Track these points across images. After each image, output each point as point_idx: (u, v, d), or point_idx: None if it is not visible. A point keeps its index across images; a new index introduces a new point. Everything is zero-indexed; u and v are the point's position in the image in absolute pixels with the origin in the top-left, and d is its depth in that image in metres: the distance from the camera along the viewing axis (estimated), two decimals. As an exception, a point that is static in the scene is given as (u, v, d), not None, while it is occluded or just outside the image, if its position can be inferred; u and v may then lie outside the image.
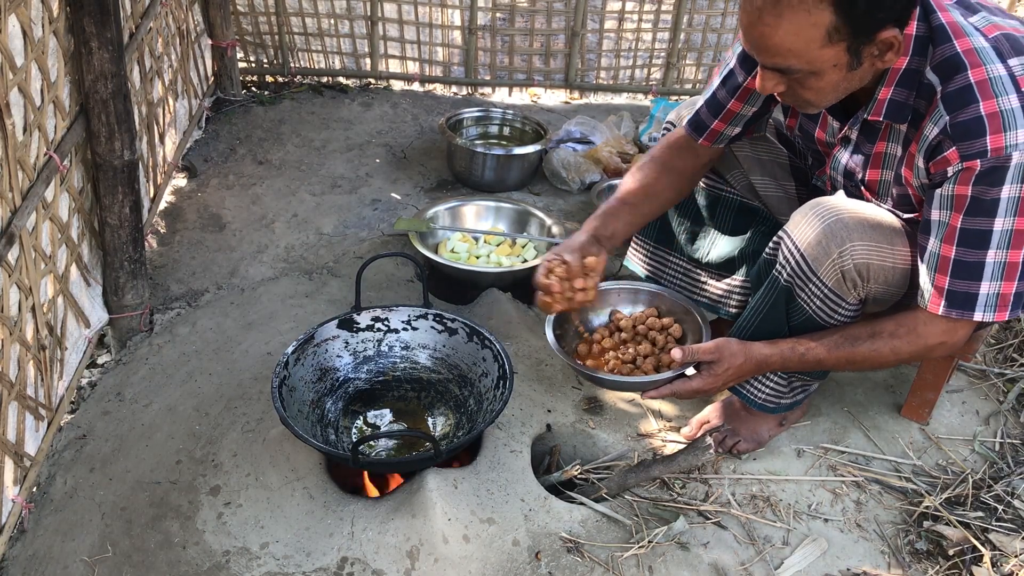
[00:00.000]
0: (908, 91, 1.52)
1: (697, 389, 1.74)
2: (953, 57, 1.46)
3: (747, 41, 1.47)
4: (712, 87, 1.84)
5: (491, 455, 1.88)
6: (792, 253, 1.69)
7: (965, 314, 1.54)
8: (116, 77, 2.06)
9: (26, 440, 1.83)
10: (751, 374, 1.77)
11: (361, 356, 2.05)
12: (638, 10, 3.95)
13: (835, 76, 1.47)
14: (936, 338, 1.61)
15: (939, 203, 1.52)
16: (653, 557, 1.75)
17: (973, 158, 1.43)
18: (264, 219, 2.96)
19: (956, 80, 1.45)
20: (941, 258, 1.53)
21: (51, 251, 1.95)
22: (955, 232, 1.50)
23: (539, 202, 3.11)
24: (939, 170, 1.50)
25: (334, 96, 3.84)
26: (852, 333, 1.67)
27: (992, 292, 1.52)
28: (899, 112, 1.55)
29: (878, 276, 1.64)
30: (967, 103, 1.43)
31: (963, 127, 1.44)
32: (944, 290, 1.54)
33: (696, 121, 1.88)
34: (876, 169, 1.67)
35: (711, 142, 1.88)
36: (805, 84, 1.49)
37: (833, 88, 1.50)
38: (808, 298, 1.69)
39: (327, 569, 1.67)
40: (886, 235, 1.64)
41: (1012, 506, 1.89)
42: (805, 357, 1.69)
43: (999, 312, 1.53)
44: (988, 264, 1.50)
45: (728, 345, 1.72)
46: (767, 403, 1.92)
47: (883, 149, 1.64)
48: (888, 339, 1.63)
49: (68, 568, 1.71)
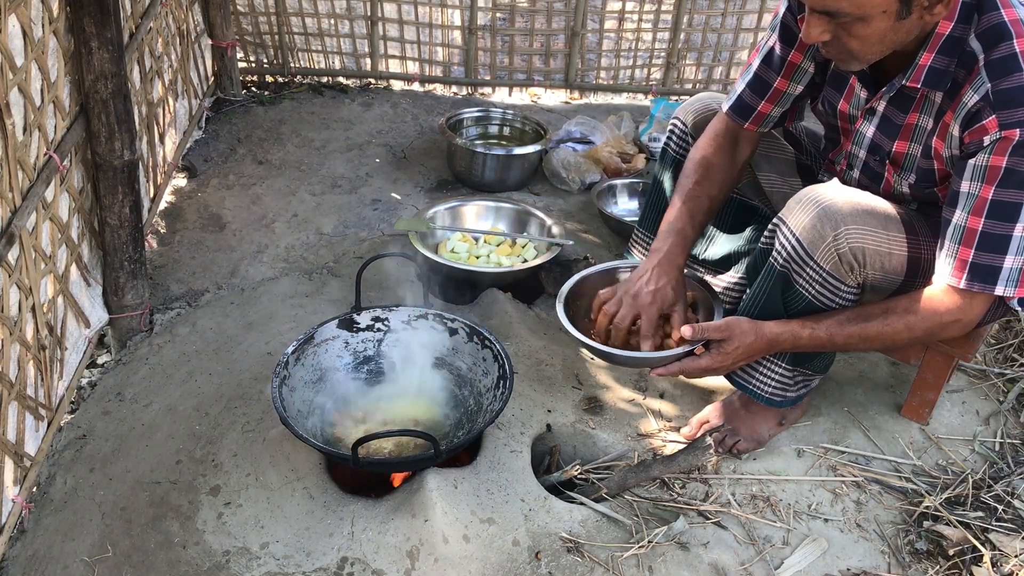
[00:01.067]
0: (949, 59, 1.51)
1: (706, 367, 1.72)
2: (999, 25, 1.45)
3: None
4: (751, 69, 1.82)
5: (491, 455, 1.88)
6: (788, 238, 1.68)
7: (987, 287, 1.53)
8: (116, 77, 2.06)
9: (26, 440, 1.83)
10: (761, 353, 1.75)
11: (361, 356, 2.05)
12: (638, 10, 3.95)
13: (883, 24, 1.45)
14: (952, 315, 1.59)
15: (971, 174, 1.50)
16: (653, 557, 1.75)
17: (1013, 127, 1.43)
18: (264, 219, 2.96)
19: (1001, 48, 1.44)
20: (967, 230, 1.51)
21: (51, 251, 1.95)
22: (985, 204, 1.48)
23: (539, 202, 3.11)
24: (974, 139, 1.49)
25: (334, 96, 3.84)
26: (865, 311, 1.66)
27: (1016, 267, 1.51)
28: (939, 80, 1.53)
29: (874, 261, 1.64)
30: (1011, 71, 1.43)
31: (1006, 95, 1.43)
32: (968, 263, 1.53)
33: (740, 105, 1.85)
34: (905, 141, 1.66)
35: (757, 126, 1.86)
36: (852, 31, 1.47)
37: (879, 38, 1.48)
38: (807, 283, 1.69)
39: (327, 569, 1.67)
40: (880, 221, 1.64)
41: (1012, 506, 1.89)
42: (816, 333, 1.68)
43: (1020, 287, 1.53)
44: (1016, 238, 1.49)
45: (739, 323, 1.70)
46: (774, 396, 1.90)
47: (915, 121, 1.63)
48: (903, 315, 1.62)
49: (68, 568, 1.71)
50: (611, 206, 3.05)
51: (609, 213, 2.92)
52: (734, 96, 1.87)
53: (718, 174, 1.89)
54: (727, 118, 1.89)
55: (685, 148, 2.03)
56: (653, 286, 1.77)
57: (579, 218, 3.02)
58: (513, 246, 2.73)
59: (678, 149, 2.07)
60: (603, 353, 1.80)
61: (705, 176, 1.88)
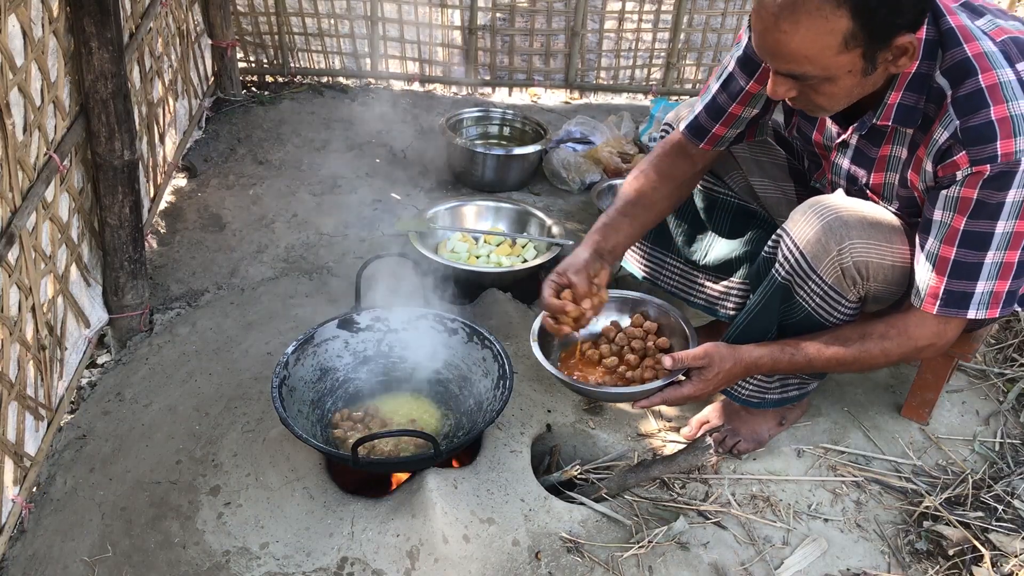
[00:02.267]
0: (918, 95, 1.52)
1: (688, 396, 1.73)
2: (963, 61, 1.45)
3: (761, 47, 1.46)
4: (710, 91, 1.83)
5: (491, 455, 1.88)
6: (791, 251, 1.69)
7: (959, 312, 1.55)
8: (116, 77, 2.06)
9: (26, 440, 1.83)
10: (741, 377, 1.76)
11: (361, 356, 2.05)
12: (638, 10, 3.94)
13: (849, 82, 1.46)
14: (926, 339, 1.61)
15: (943, 204, 1.51)
16: (653, 557, 1.75)
17: (983, 163, 1.43)
18: (264, 219, 2.96)
19: (967, 84, 1.45)
20: (940, 258, 1.53)
21: (51, 251, 1.95)
22: (957, 234, 1.50)
23: (539, 202, 3.11)
24: (947, 174, 1.50)
25: (334, 96, 3.84)
26: (842, 335, 1.67)
27: (986, 291, 1.53)
28: (908, 116, 1.54)
29: (877, 274, 1.64)
30: (978, 107, 1.43)
31: (974, 132, 1.43)
32: (940, 290, 1.54)
33: (695, 126, 1.86)
34: (881, 172, 1.67)
35: (712, 146, 1.87)
36: (819, 90, 1.48)
37: (846, 93, 1.49)
38: (808, 295, 1.69)
39: (327, 569, 1.67)
40: (885, 233, 1.64)
41: (1012, 506, 1.89)
42: (795, 358, 1.69)
43: (991, 309, 1.54)
44: (986, 265, 1.50)
45: (717, 350, 1.71)
46: (751, 399, 1.93)
47: (888, 152, 1.64)
48: (878, 340, 1.64)
49: (68, 568, 1.71)
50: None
51: (609, 213, 2.91)
52: (691, 117, 1.87)
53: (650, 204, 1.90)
54: (682, 136, 1.90)
55: None
56: (569, 260, 1.80)
57: (579, 218, 3.02)
58: (513, 246, 2.73)
59: None
60: (583, 390, 1.82)
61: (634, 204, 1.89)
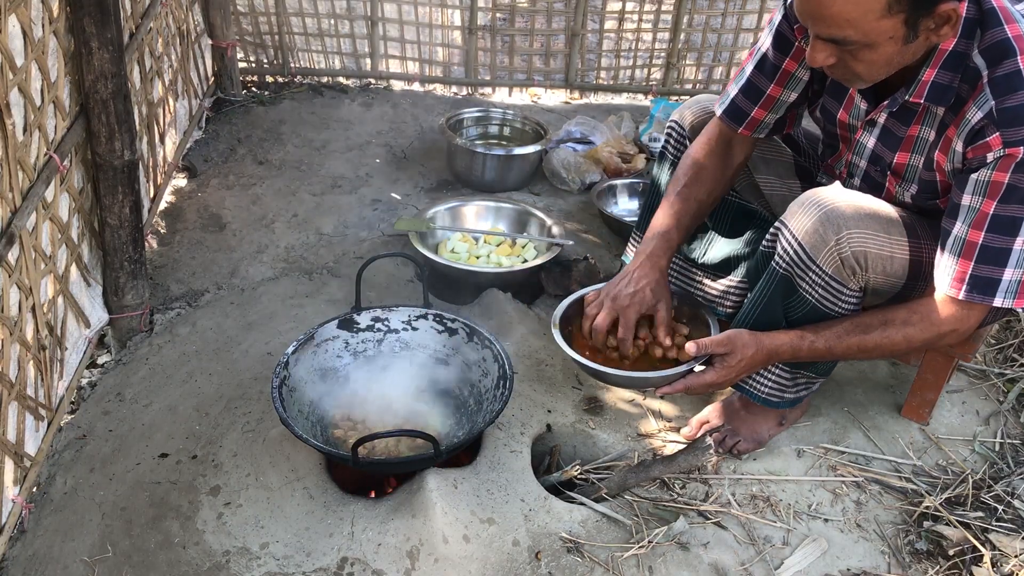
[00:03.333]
0: (952, 74, 1.50)
1: (711, 383, 1.71)
2: (1003, 42, 1.44)
3: (802, 10, 1.44)
4: (744, 74, 1.81)
5: (491, 455, 1.88)
6: (790, 242, 1.68)
7: (986, 299, 1.54)
8: (116, 77, 2.06)
9: (26, 440, 1.82)
10: (763, 364, 1.75)
11: (361, 356, 2.05)
12: (638, 10, 3.95)
13: (890, 49, 1.44)
14: (949, 324, 1.60)
15: (972, 188, 1.50)
16: (653, 557, 1.75)
17: (1017, 145, 1.43)
18: (264, 219, 2.96)
19: (1005, 65, 1.44)
20: (967, 243, 1.52)
21: (51, 251, 1.95)
22: (986, 218, 1.49)
23: (539, 202, 3.11)
24: (977, 155, 1.49)
25: (334, 96, 3.84)
26: (864, 321, 1.66)
27: (1014, 279, 1.51)
28: (942, 95, 1.53)
29: (876, 265, 1.64)
30: (1015, 88, 1.42)
31: (1010, 113, 1.43)
32: (968, 274, 1.53)
33: (733, 109, 1.83)
34: (906, 153, 1.66)
35: (751, 131, 1.85)
36: (858, 56, 1.46)
37: (886, 62, 1.47)
38: (810, 287, 1.69)
39: (327, 569, 1.67)
40: (883, 224, 1.64)
41: (1012, 506, 1.89)
42: (815, 345, 1.68)
43: (1018, 298, 1.53)
44: (1015, 251, 1.49)
45: (739, 336, 1.70)
46: (771, 397, 1.90)
47: (916, 132, 1.62)
48: (901, 327, 1.62)
49: (68, 568, 1.71)
50: (611, 206, 3.05)
51: (609, 213, 2.92)
52: (727, 100, 1.85)
53: (708, 178, 1.88)
54: (720, 122, 1.88)
55: (682, 150, 2.02)
56: (632, 288, 1.77)
57: (579, 218, 3.02)
58: (513, 246, 2.73)
59: (676, 151, 2.07)
60: (605, 375, 1.78)
61: (695, 179, 1.88)
